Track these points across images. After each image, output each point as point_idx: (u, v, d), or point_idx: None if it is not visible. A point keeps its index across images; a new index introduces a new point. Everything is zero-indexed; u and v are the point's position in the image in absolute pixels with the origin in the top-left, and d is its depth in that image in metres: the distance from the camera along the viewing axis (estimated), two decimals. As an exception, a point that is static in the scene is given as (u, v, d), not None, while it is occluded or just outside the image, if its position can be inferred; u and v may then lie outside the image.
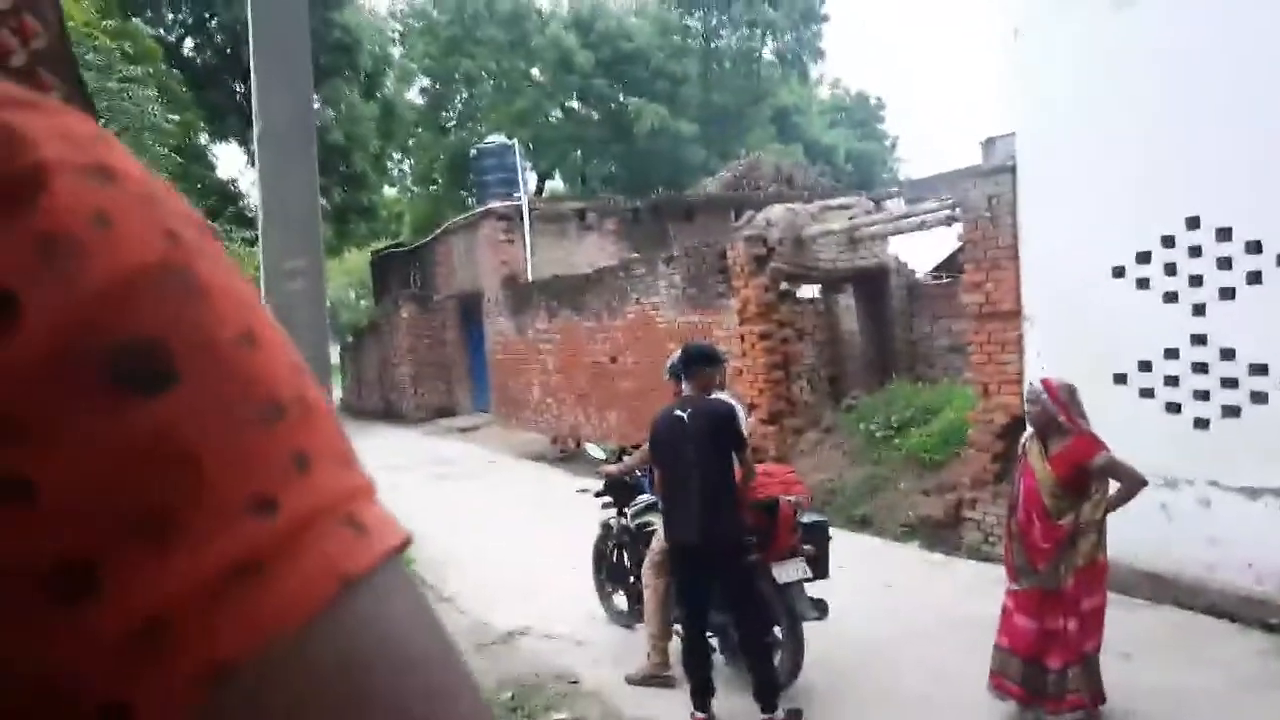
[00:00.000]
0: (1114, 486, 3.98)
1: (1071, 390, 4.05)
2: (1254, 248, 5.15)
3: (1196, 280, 5.44)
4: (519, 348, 15.23)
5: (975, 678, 4.21)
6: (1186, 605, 5.31)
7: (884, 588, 5.79)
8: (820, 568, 4.52)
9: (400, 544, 0.31)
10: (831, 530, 4.81)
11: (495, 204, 16.32)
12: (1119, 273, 5.82)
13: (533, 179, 25.69)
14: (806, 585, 4.44)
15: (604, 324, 12.49)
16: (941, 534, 7.11)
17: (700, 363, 4.42)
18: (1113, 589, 4.37)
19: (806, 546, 4.49)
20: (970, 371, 7.42)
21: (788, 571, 4.36)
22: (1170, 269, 5.57)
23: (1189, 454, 5.47)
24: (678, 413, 4.25)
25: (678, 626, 4.91)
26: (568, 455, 11.92)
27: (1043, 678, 3.94)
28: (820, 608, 4.39)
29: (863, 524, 7.55)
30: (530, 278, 15.38)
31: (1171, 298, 5.57)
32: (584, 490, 5.74)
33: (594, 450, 6.02)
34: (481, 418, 16.91)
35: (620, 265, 12.84)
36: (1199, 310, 5.45)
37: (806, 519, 4.58)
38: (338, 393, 24.07)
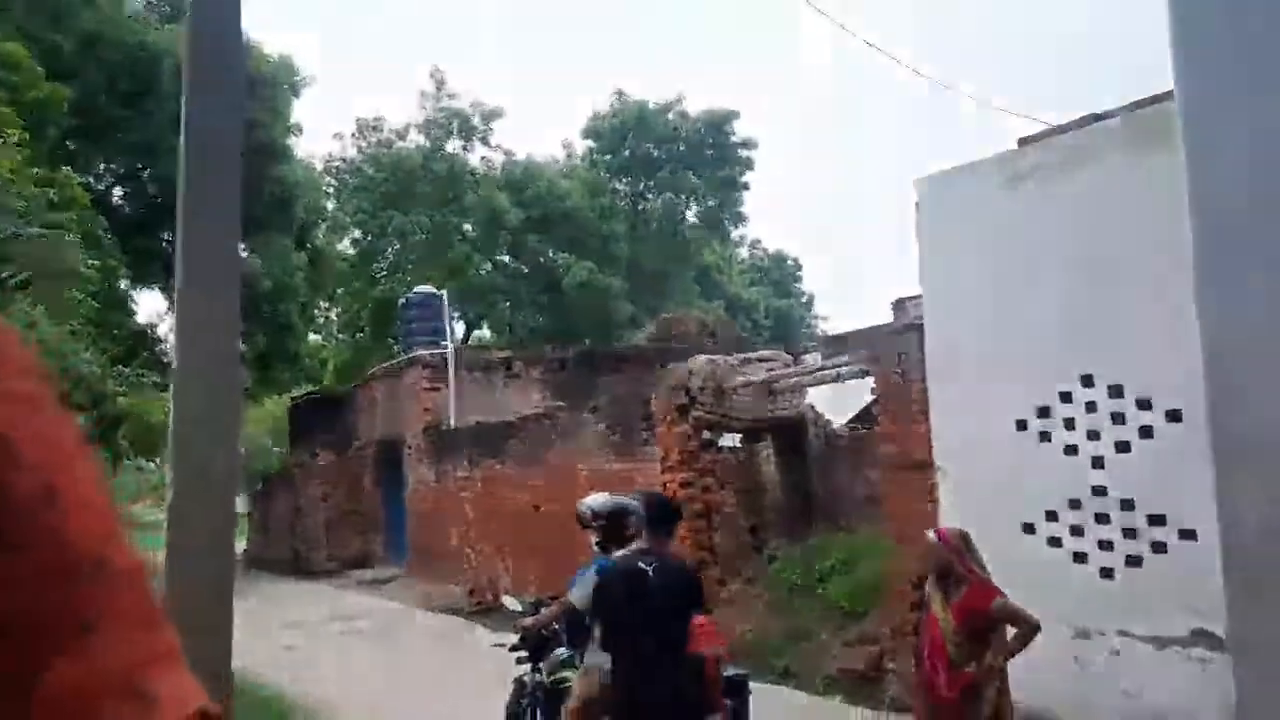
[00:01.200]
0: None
1: (965, 537, 4.19)
2: (1144, 404, 5.47)
3: (1094, 434, 5.73)
4: (439, 496, 14.91)
5: None
6: (1106, 759, 5.29)
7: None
8: None
9: (195, 714, 0.29)
10: (753, 683, 4.72)
11: (422, 351, 16.35)
12: (1022, 426, 6.09)
13: (460, 328, 25.94)
14: None
15: (527, 472, 12.38)
16: (864, 687, 7.00)
17: (671, 516, 4.39)
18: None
19: (727, 701, 4.39)
20: (887, 521, 7.54)
21: None
22: (1069, 423, 5.86)
23: (1098, 604, 5.58)
24: (641, 566, 4.08)
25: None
26: (484, 608, 11.50)
27: None
28: (741, 766, 4.24)
29: (785, 675, 7.41)
30: (454, 424, 15.25)
31: (1072, 450, 5.83)
32: (500, 645, 5.53)
33: (511, 603, 5.85)
34: (397, 570, 16.28)
35: (545, 413, 12.86)
36: (1098, 463, 5.70)
37: (728, 673, 4.49)
38: (241, 544, 22.97)
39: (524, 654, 5.29)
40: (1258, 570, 0.65)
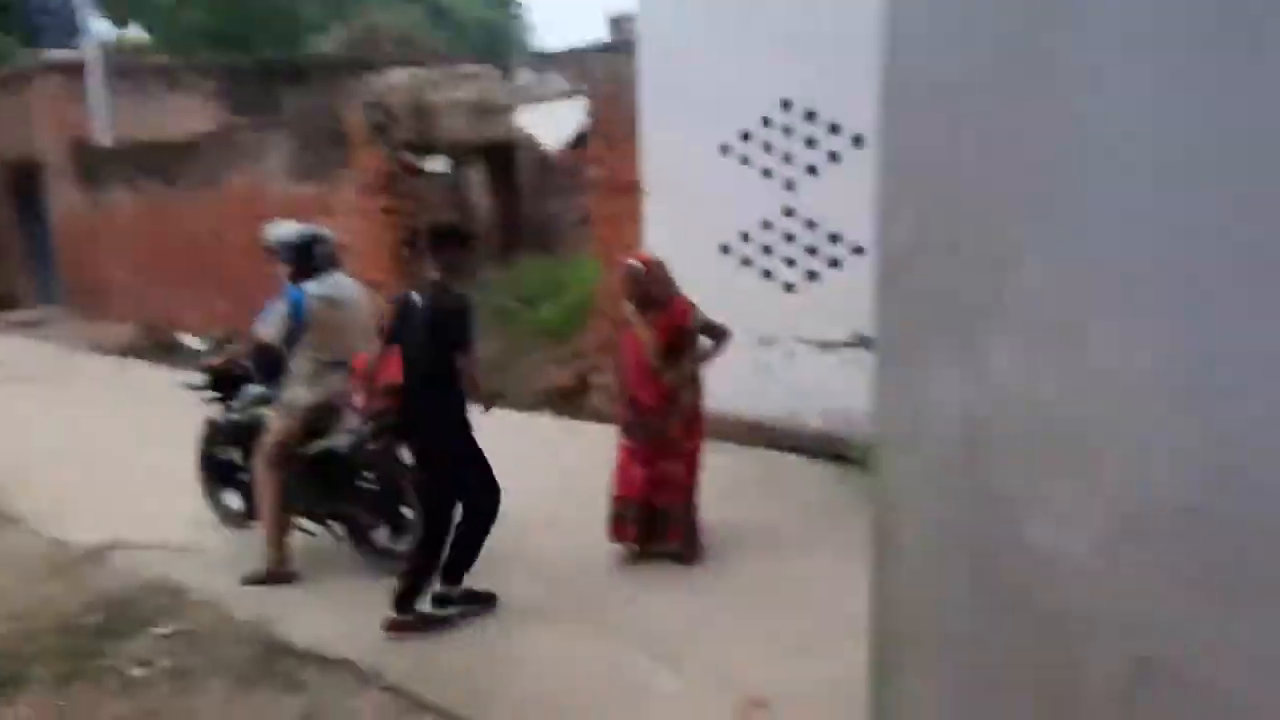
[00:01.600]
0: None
1: (661, 264, 4.37)
2: (835, 129, 5.74)
3: (788, 158, 5.98)
4: (96, 226, 13.02)
5: (589, 527, 4.56)
6: (776, 447, 6.06)
7: (515, 457, 5.89)
8: None
9: None
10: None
11: (54, 53, 13.49)
12: (725, 150, 6.22)
13: (104, 27, 21.60)
14: None
15: (205, 196, 11.03)
16: (571, 401, 7.38)
17: (445, 240, 3.90)
18: (718, 438, 4.88)
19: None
20: (596, 244, 7.63)
21: None
22: (767, 147, 6.05)
23: (780, 315, 6.12)
24: (412, 297, 3.81)
25: (305, 521, 4.62)
26: (165, 347, 10.52)
27: (656, 516, 4.39)
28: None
29: (495, 396, 7.60)
30: (106, 142, 13.07)
31: (768, 174, 6.08)
32: (187, 386, 5.06)
33: (191, 341, 5.27)
34: (50, 310, 14.38)
35: (222, 131, 11.32)
36: (789, 185, 6.01)
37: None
38: None
39: (213, 394, 4.89)
40: (907, 280, 0.71)
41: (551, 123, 9.77)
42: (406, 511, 4.31)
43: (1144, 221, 0.56)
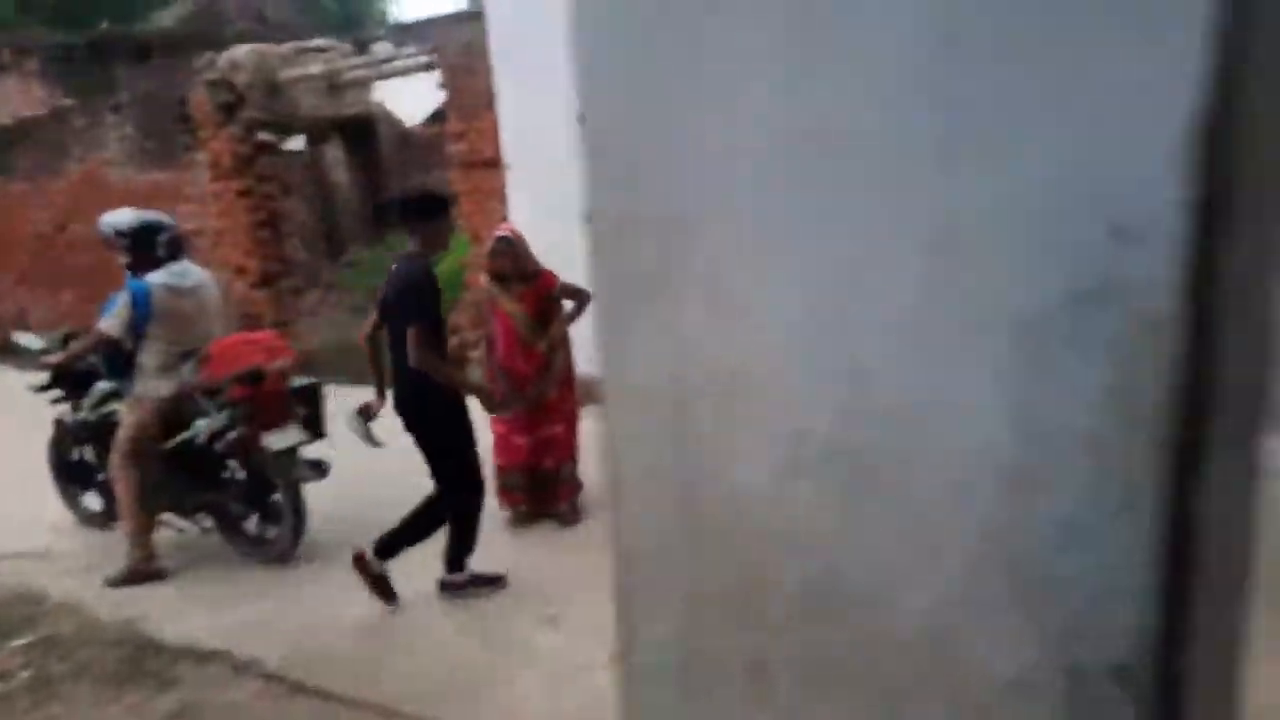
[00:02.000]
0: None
1: (521, 237, 4.49)
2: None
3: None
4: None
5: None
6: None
7: (386, 439, 5.86)
8: (315, 429, 4.42)
9: None
10: (342, 387, 4.72)
11: None
12: (583, 119, 6.27)
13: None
14: (306, 448, 4.32)
15: (40, 185, 10.36)
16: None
17: (413, 210, 3.76)
18: (588, 402, 5.00)
19: (300, 409, 4.35)
20: (461, 220, 7.59)
21: (283, 439, 4.22)
22: (623, 114, 6.15)
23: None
24: (393, 267, 3.86)
25: (169, 516, 4.51)
26: (2, 348, 9.87)
27: (545, 478, 4.54)
28: (319, 468, 4.31)
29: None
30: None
31: (625, 141, 6.18)
32: (32, 387, 4.82)
33: (28, 340, 5.03)
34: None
35: (53, 115, 10.61)
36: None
37: (297, 383, 4.41)
38: None
39: (59, 393, 4.70)
40: (614, 249, 0.76)
41: (410, 97, 9.60)
42: (276, 498, 4.29)
43: (783, 195, 0.64)
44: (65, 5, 20.95)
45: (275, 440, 4.15)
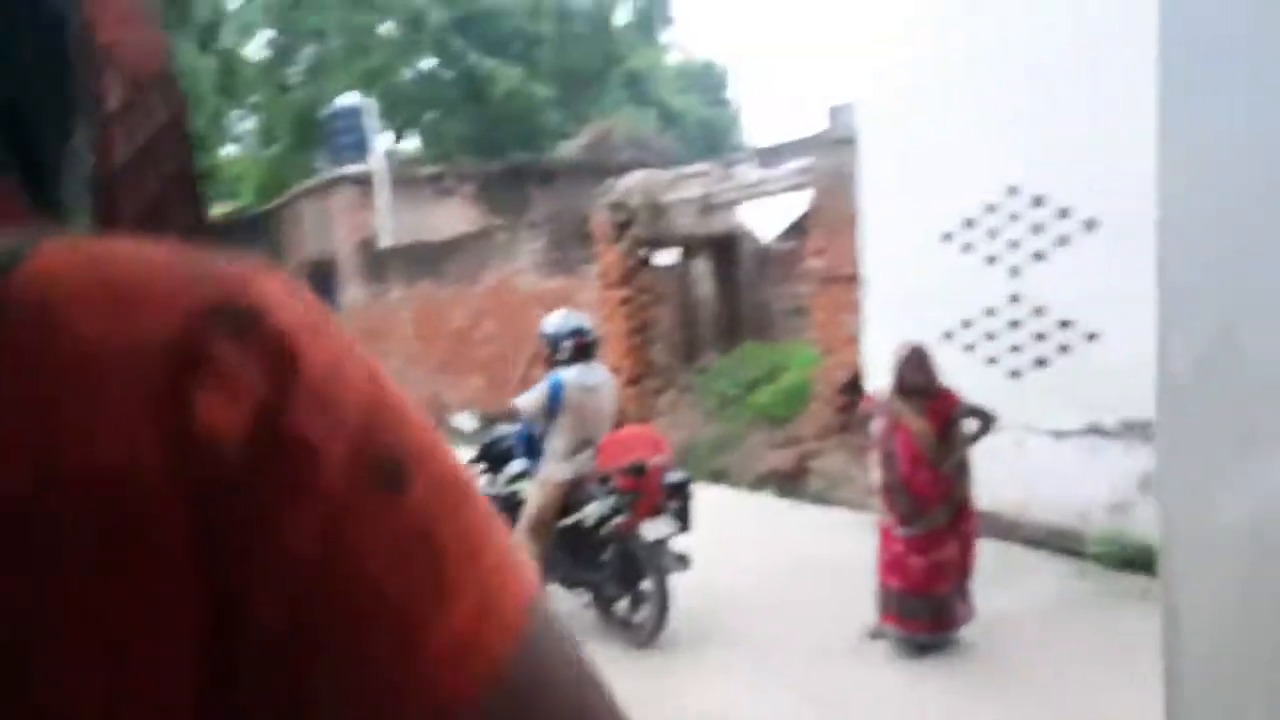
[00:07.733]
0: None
1: (926, 351, 4.47)
2: (1063, 213, 5.73)
3: (1014, 244, 6.00)
4: (373, 317, 14.91)
5: (825, 615, 4.61)
6: (1003, 538, 5.93)
7: (740, 536, 6.16)
8: (683, 522, 4.71)
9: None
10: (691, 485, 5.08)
11: (349, 168, 15.79)
12: (947, 238, 6.33)
13: (388, 139, 24.83)
14: (674, 540, 4.63)
15: (465, 291, 12.41)
16: (790, 483, 7.59)
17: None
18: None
19: (671, 503, 4.70)
20: (813, 332, 7.89)
21: (656, 529, 4.53)
22: (992, 234, 6.11)
23: (1005, 402, 6.05)
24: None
25: (552, 588, 5.06)
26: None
27: (941, 605, 4.37)
28: (683, 561, 4.61)
29: (718, 476, 7.95)
30: (387, 243, 15.02)
31: (992, 260, 6.12)
32: (468, 461, 5.74)
33: (463, 421, 6.01)
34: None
35: (481, 231, 12.74)
36: (1014, 271, 6.02)
37: (672, 478, 4.75)
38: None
39: (483, 466, 5.50)
40: (1192, 394, 0.72)
41: (768, 215, 10.24)
42: (646, 585, 4.61)
43: None
44: (486, 138, 25.02)
45: (650, 530, 4.50)
